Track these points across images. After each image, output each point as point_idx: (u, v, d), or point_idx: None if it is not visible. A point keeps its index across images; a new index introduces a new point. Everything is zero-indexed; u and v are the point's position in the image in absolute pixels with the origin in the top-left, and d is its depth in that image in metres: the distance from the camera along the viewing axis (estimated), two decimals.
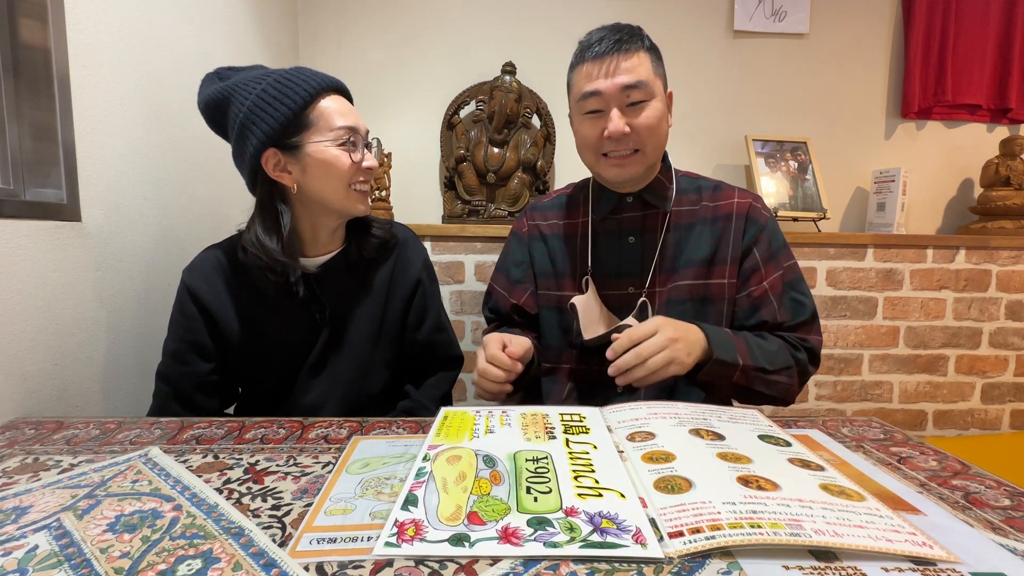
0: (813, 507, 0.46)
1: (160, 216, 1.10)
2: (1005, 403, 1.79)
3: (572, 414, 0.71)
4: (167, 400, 0.86)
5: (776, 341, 0.86)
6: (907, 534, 0.43)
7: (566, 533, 0.44)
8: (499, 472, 0.55)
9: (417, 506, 0.49)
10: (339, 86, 0.84)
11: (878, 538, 0.43)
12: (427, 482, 0.53)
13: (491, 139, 1.78)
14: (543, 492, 0.51)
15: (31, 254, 0.80)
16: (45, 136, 0.85)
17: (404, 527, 0.46)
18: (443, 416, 0.71)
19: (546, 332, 0.97)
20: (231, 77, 0.83)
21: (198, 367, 0.86)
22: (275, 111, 0.77)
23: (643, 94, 0.80)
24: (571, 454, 0.59)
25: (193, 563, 0.42)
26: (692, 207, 0.91)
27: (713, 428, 0.63)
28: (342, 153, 0.80)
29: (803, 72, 1.96)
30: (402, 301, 0.95)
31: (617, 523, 0.46)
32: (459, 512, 0.48)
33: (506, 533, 0.45)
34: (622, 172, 0.85)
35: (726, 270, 0.88)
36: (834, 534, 0.43)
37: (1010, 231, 1.78)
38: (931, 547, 0.42)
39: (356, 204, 0.84)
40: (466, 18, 1.89)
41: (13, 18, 0.81)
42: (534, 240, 0.99)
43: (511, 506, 0.49)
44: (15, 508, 0.50)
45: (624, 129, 0.81)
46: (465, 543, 0.43)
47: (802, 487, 0.50)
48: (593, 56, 0.81)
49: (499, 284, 1.01)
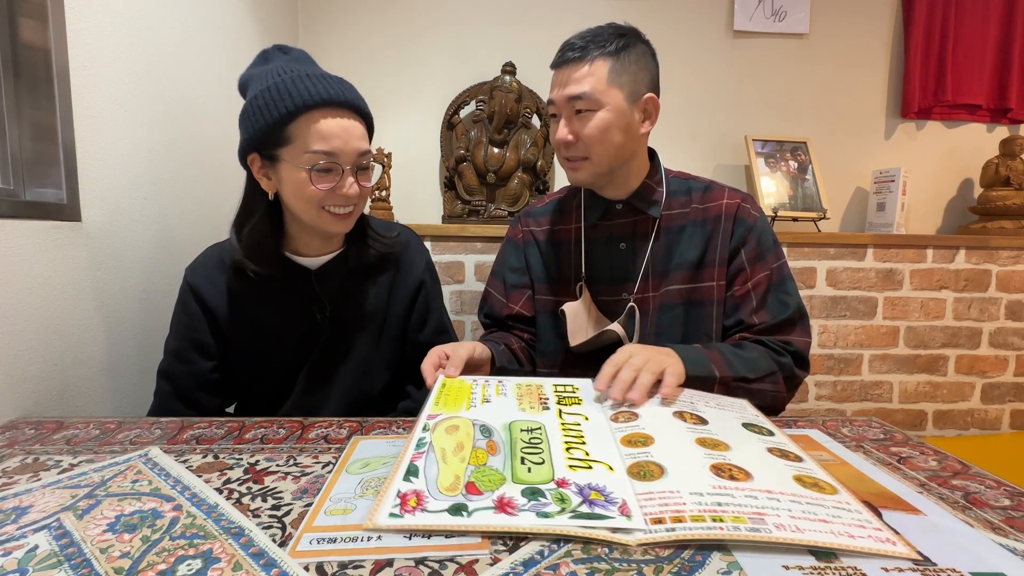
0: (781, 500, 0.46)
1: (160, 216, 1.10)
2: (1005, 403, 1.79)
3: (565, 385, 0.74)
4: (169, 398, 0.86)
5: (756, 348, 0.83)
6: (872, 529, 0.44)
7: (557, 504, 0.47)
8: (495, 442, 0.57)
9: (418, 476, 0.51)
10: (346, 103, 0.77)
11: (840, 533, 0.43)
12: (427, 452, 0.55)
13: (491, 139, 1.78)
14: (536, 463, 0.53)
15: (31, 254, 0.80)
16: (45, 136, 0.85)
17: (406, 498, 0.48)
18: (442, 383, 0.72)
19: (543, 337, 0.97)
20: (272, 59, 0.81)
21: (200, 365, 0.86)
22: (258, 119, 0.75)
23: (588, 104, 0.81)
24: (563, 425, 0.61)
25: (193, 563, 0.42)
26: (682, 209, 0.91)
27: (698, 412, 0.64)
28: (308, 179, 0.76)
29: (803, 72, 1.96)
30: (405, 303, 0.95)
31: (605, 495, 0.48)
32: (457, 482, 0.50)
33: (501, 503, 0.47)
34: (575, 176, 0.87)
35: (715, 272, 0.88)
36: (795, 529, 0.43)
37: (1010, 231, 1.79)
38: (894, 543, 0.42)
39: (330, 226, 0.81)
40: (466, 18, 1.89)
41: (13, 18, 0.81)
42: (529, 246, 0.99)
43: (506, 476, 0.51)
44: (15, 508, 0.50)
45: (567, 137, 0.83)
46: (464, 512, 0.46)
47: (775, 478, 0.50)
48: (554, 64, 0.85)
49: (496, 290, 1.01)
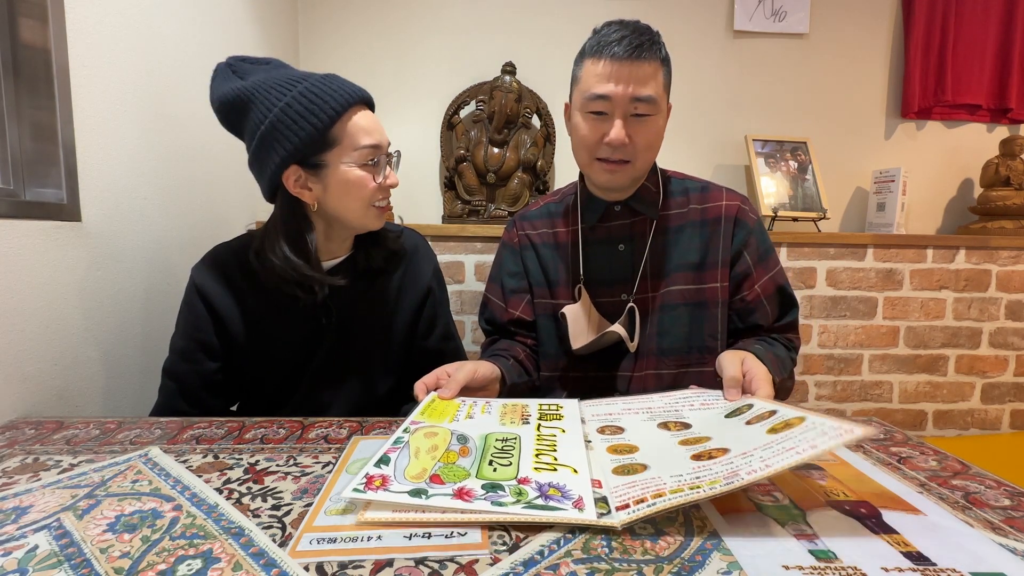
0: (754, 453, 0.49)
1: (160, 216, 1.10)
2: (1005, 403, 1.79)
3: (551, 404, 0.73)
4: (174, 397, 0.85)
5: (781, 346, 0.86)
6: (834, 433, 0.46)
7: (513, 496, 0.48)
8: (468, 447, 0.58)
9: (388, 465, 0.53)
10: (367, 98, 0.81)
11: (804, 449, 0.46)
12: (402, 449, 0.57)
13: (491, 139, 1.78)
14: (503, 465, 0.54)
15: (31, 254, 0.80)
16: (45, 136, 0.85)
17: (372, 479, 0.51)
18: (430, 399, 0.73)
19: (544, 340, 0.96)
20: (248, 73, 0.79)
21: (205, 366, 0.85)
22: (300, 129, 0.74)
23: (650, 108, 0.79)
24: (539, 436, 0.62)
25: (193, 563, 0.42)
26: (680, 210, 0.91)
27: (682, 419, 0.65)
28: (366, 174, 0.78)
29: (803, 72, 1.96)
30: (411, 309, 0.95)
31: (563, 491, 0.49)
32: (423, 473, 0.52)
33: (460, 492, 0.49)
34: (612, 179, 0.84)
35: (717, 273, 0.88)
36: (765, 466, 0.46)
37: (1010, 231, 1.78)
38: (852, 431, 0.46)
39: (373, 221, 0.84)
40: (466, 18, 1.89)
41: (13, 18, 0.81)
42: (525, 250, 0.98)
43: (471, 473, 0.53)
44: (15, 508, 0.50)
45: (624, 140, 0.79)
46: (422, 496, 0.48)
47: (750, 440, 0.52)
48: (611, 56, 0.77)
49: (495, 295, 1.00)
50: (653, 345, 0.89)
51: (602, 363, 0.91)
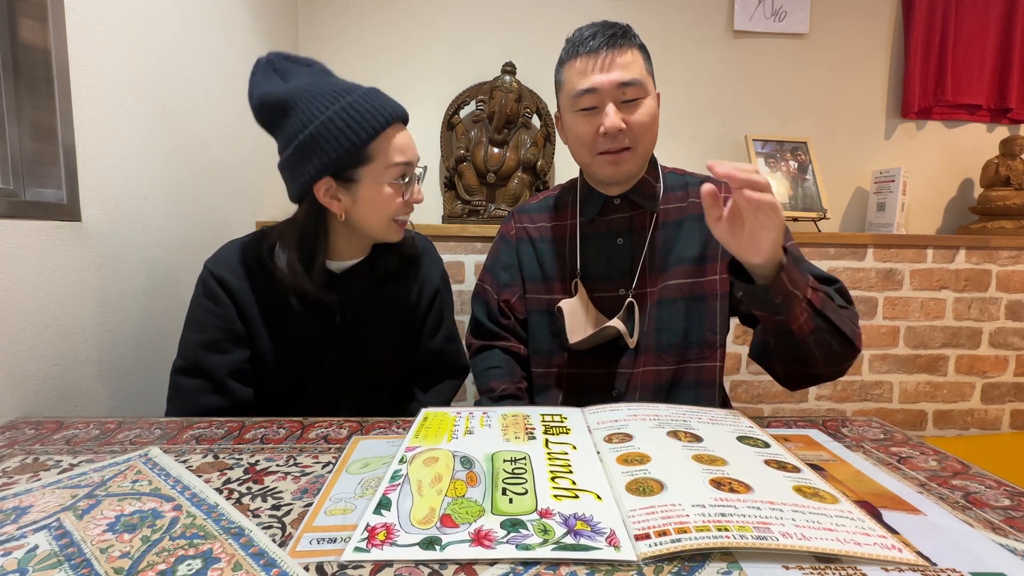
0: (784, 509, 0.46)
1: (160, 216, 1.10)
2: (1005, 403, 1.79)
3: (553, 415, 0.70)
4: (199, 394, 0.80)
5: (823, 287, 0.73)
6: (877, 537, 0.43)
7: (539, 535, 0.44)
8: (476, 473, 0.54)
9: (390, 510, 0.48)
10: (405, 116, 0.81)
11: (847, 541, 0.42)
12: (402, 485, 0.52)
13: (491, 139, 1.78)
14: (519, 493, 0.50)
15: (31, 254, 0.80)
16: (45, 136, 0.85)
17: (375, 531, 0.45)
18: (423, 417, 0.70)
19: (536, 336, 0.95)
20: (289, 73, 0.79)
21: (236, 354, 0.83)
22: (339, 144, 0.74)
23: (638, 91, 0.79)
24: (550, 455, 0.58)
25: (193, 563, 0.42)
26: (680, 204, 0.90)
27: (692, 430, 0.62)
28: (395, 192, 0.80)
29: (803, 72, 1.96)
30: (421, 310, 0.96)
31: (591, 525, 0.45)
32: (432, 515, 0.47)
33: (478, 536, 0.44)
34: (617, 170, 0.84)
35: (717, 267, 0.87)
36: (801, 537, 0.42)
37: (1010, 231, 1.79)
38: (900, 550, 0.42)
39: (394, 235, 0.85)
40: (466, 18, 1.89)
41: (13, 18, 0.81)
42: (522, 243, 0.97)
43: (485, 508, 0.48)
44: (15, 508, 0.50)
45: (620, 125, 0.79)
46: (436, 546, 0.43)
47: (775, 489, 0.49)
48: (587, 51, 0.79)
49: (489, 284, 0.99)
50: (651, 341, 0.88)
51: (599, 360, 0.89)
